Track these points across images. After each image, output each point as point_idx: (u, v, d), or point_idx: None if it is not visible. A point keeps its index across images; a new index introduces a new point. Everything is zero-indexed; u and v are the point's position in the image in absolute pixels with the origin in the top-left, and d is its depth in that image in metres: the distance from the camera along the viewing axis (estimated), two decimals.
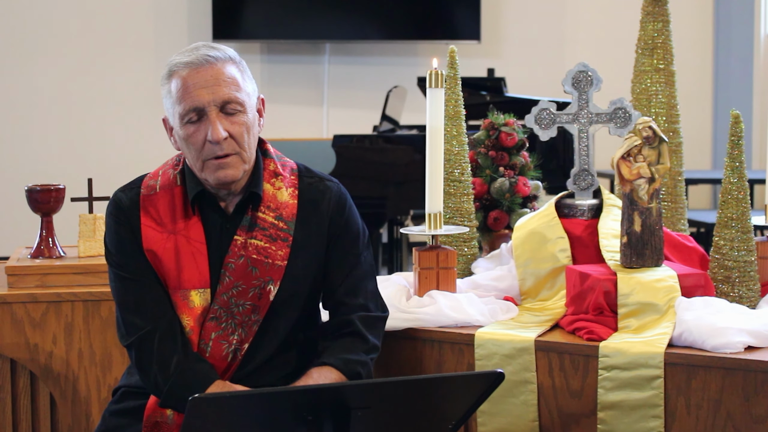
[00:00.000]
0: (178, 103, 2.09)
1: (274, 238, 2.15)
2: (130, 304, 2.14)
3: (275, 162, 2.22)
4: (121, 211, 2.16)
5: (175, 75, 2.10)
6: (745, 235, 2.38)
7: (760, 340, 2.13)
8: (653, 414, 2.12)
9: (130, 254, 2.15)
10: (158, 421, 2.12)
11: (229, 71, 2.10)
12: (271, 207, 2.17)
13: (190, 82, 2.08)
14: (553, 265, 2.47)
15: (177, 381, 2.08)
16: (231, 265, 2.13)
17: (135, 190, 2.19)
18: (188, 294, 2.13)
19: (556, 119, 2.59)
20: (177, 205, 2.16)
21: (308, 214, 2.19)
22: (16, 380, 2.83)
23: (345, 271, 2.21)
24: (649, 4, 2.73)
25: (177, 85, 2.09)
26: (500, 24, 7.59)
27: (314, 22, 7.28)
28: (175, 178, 2.18)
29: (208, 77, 2.08)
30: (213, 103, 2.08)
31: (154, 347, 2.10)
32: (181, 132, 2.11)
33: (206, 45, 2.14)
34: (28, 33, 7.09)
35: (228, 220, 2.17)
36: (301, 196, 2.20)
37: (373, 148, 5.64)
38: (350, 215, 2.23)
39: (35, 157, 7.08)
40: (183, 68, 2.09)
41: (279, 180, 2.20)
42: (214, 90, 2.08)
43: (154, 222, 2.15)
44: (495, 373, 1.92)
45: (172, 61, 2.12)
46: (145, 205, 2.16)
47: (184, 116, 2.09)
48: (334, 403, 1.84)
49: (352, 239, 2.23)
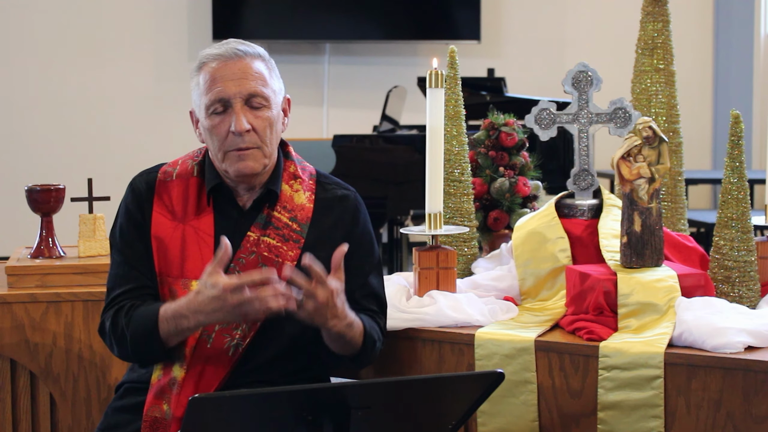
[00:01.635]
0: (205, 93, 2.14)
1: (287, 238, 2.18)
2: (115, 289, 2.19)
3: (296, 165, 2.26)
4: (136, 197, 2.22)
5: (204, 67, 2.16)
6: (745, 235, 2.38)
7: (760, 340, 2.13)
8: (653, 414, 2.12)
9: (129, 241, 2.20)
10: (157, 417, 2.13)
11: (257, 66, 2.16)
12: (287, 208, 2.20)
13: (219, 74, 2.14)
14: (553, 265, 2.47)
15: (134, 326, 2.11)
16: (242, 261, 2.16)
17: (153, 174, 2.24)
18: (189, 284, 2.15)
19: (556, 119, 2.59)
20: (190, 196, 2.20)
21: (323, 219, 2.23)
22: (16, 380, 2.83)
23: (360, 280, 2.23)
24: (649, 4, 2.73)
25: (206, 77, 2.15)
26: (500, 24, 7.59)
27: (314, 22, 7.28)
28: (193, 168, 2.23)
29: (236, 70, 2.13)
30: (239, 95, 2.13)
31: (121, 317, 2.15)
32: (207, 123, 2.16)
33: (237, 41, 2.20)
34: (29, 33, 7.09)
35: (243, 215, 2.20)
36: (318, 201, 2.24)
37: (373, 148, 5.64)
38: (365, 224, 2.28)
39: (35, 157, 7.08)
40: (212, 60, 2.15)
41: (298, 183, 2.23)
42: (240, 83, 2.13)
43: (166, 209, 2.19)
44: (495, 373, 1.93)
45: (203, 53, 2.19)
46: (159, 190, 2.21)
47: (210, 107, 2.14)
48: (334, 403, 1.84)
49: (366, 249, 2.27)
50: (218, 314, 2.04)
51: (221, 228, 2.18)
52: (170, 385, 2.13)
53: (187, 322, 2.07)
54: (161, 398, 2.13)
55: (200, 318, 2.05)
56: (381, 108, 6.26)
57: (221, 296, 2.01)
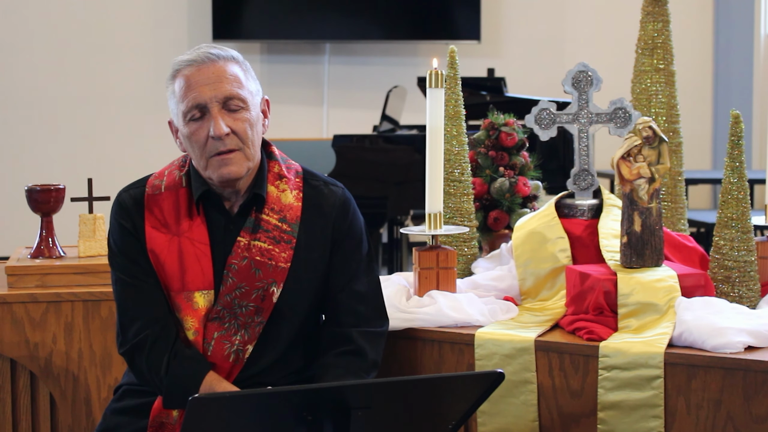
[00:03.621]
0: (181, 101, 2.12)
1: (278, 240, 2.16)
2: (127, 310, 2.15)
3: (280, 164, 2.23)
4: (125, 211, 2.18)
5: (178, 74, 2.13)
6: (745, 235, 2.38)
7: (760, 340, 2.13)
8: (653, 414, 2.12)
9: (132, 257, 2.16)
10: (164, 422, 2.13)
11: (231, 69, 2.13)
12: (275, 209, 2.17)
13: (193, 80, 2.10)
14: (553, 265, 2.47)
15: (171, 382, 2.09)
16: (234, 266, 2.13)
17: (140, 189, 2.20)
18: (192, 296, 2.13)
19: (556, 119, 2.59)
20: (182, 207, 2.17)
21: (312, 217, 2.20)
22: (16, 380, 2.83)
23: (347, 277, 2.20)
24: (649, 4, 2.73)
25: (180, 84, 2.12)
26: (500, 24, 7.59)
27: (314, 22, 7.28)
28: (180, 179, 2.19)
29: (210, 74, 2.10)
30: (215, 99, 2.09)
31: (145, 354, 2.12)
32: (185, 130, 2.13)
33: (209, 45, 2.17)
34: (28, 33, 7.09)
35: (232, 221, 2.18)
36: (306, 199, 2.20)
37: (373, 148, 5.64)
38: (354, 220, 2.24)
39: (35, 157, 7.08)
40: (186, 67, 2.12)
41: (284, 182, 2.20)
42: (216, 86, 2.10)
43: (159, 223, 2.16)
44: (495, 373, 1.92)
45: (176, 60, 2.15)
46: (149, 204, 2.17)
47: (187, 113, 2.11)
48: (334, 403, 1.84)
49: (354, 244, 2.23)
50: None
51: (212, 235, 2.16)
52: None
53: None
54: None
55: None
56: (381, 108, 6.26)
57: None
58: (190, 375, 2.09)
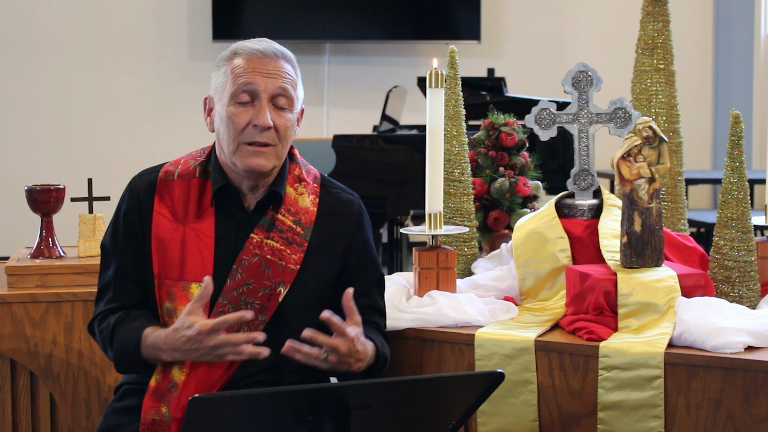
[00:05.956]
0: (235, 80, 2.14)
1: (290, 241, 2.18)
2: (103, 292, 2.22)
3: (300, 168, 2.26)
4: (134, 199, 2.21)
5: (240, 55, 2.17)
6: (745, 235, 2.38)
7: (760, 340, 2.13)
8: (653, 414, 2.12)
9: (123, 248, 2.19)
10: (155, 419, 2.12)
11: (290, 71, 2.19)
12: (291, 210, 2.20)
13: (253, 65, 2.15)
14: (553, 265, 2.47)
15: (118, 344, 2.14)
16: (244, 262, 2.15)
17: (154, 174, 2.23)
18: (189, 286, 2.14)
19: (556, 119, 2.59)
20: (192, 197, 2.19)
21: (326, 224, 2.23)
22: (16, 380, 2.83)
23: (363, 289, 2.24)
24: (649, 4, 2.73)
25: (240, 63, 2.15)
26: (500, 24, 7.59)
27: (314, 22, 7.28)
28: (195, 169, 2.22)
29: (271, 68, 2.16)
30: (268, 91, 2.14)
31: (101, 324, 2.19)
32: (227, 110, 2.15)
33: (272, 41, 2.21)
34: (28, 33, 7.09)
35: (247, 216, 2.20)
36: (322, 205, 2.24)
37: (373, 148, 5.64)
38: (368, 232, 2.29)
39: (35, 157, 7.09)
40: (249, 52, 2.17)
41: (302, 186, 2.24)
42: (273, 80, 2.15)
43: (167, 209, 2.19)
44: (495, 373, 1.93)
45: (240, 44, 2.19)
46: (161, 189, 2.20)
47: (236, 95, 2.14)
48: (334, 403, 1.84)
49: (369, 256, 2.28)
50: (194, 354, 2.06)
51: (224, 229, 2.18)
52: (169, 388, 2.12)
53: (164, 356, 2.10)
54: (159, 401, 2.13)
55: (176, 355, 2.08)
56: (381, 108, 6.26)
57: (196, 338, 2.03)
58: (128, 332, 2.13)
